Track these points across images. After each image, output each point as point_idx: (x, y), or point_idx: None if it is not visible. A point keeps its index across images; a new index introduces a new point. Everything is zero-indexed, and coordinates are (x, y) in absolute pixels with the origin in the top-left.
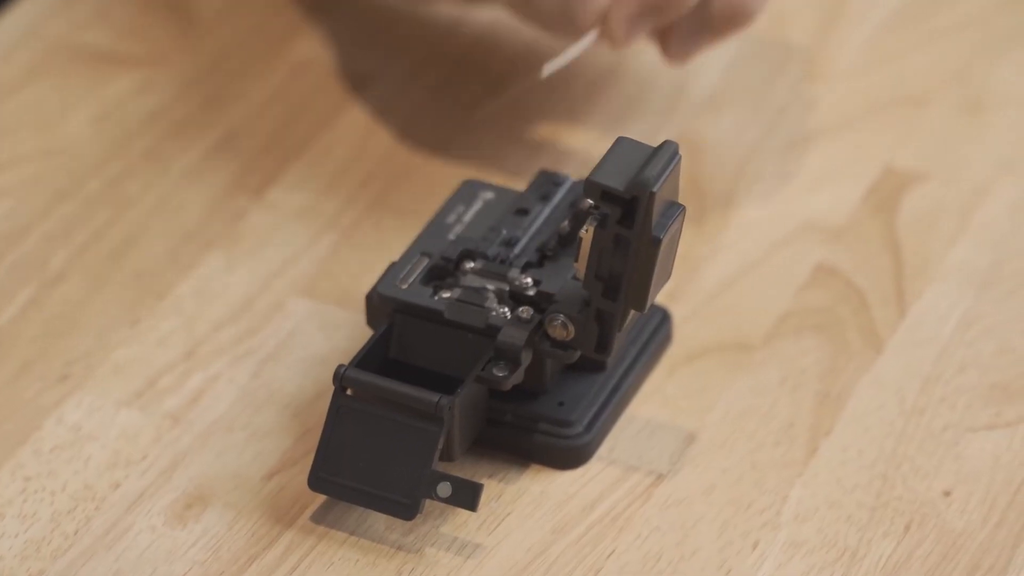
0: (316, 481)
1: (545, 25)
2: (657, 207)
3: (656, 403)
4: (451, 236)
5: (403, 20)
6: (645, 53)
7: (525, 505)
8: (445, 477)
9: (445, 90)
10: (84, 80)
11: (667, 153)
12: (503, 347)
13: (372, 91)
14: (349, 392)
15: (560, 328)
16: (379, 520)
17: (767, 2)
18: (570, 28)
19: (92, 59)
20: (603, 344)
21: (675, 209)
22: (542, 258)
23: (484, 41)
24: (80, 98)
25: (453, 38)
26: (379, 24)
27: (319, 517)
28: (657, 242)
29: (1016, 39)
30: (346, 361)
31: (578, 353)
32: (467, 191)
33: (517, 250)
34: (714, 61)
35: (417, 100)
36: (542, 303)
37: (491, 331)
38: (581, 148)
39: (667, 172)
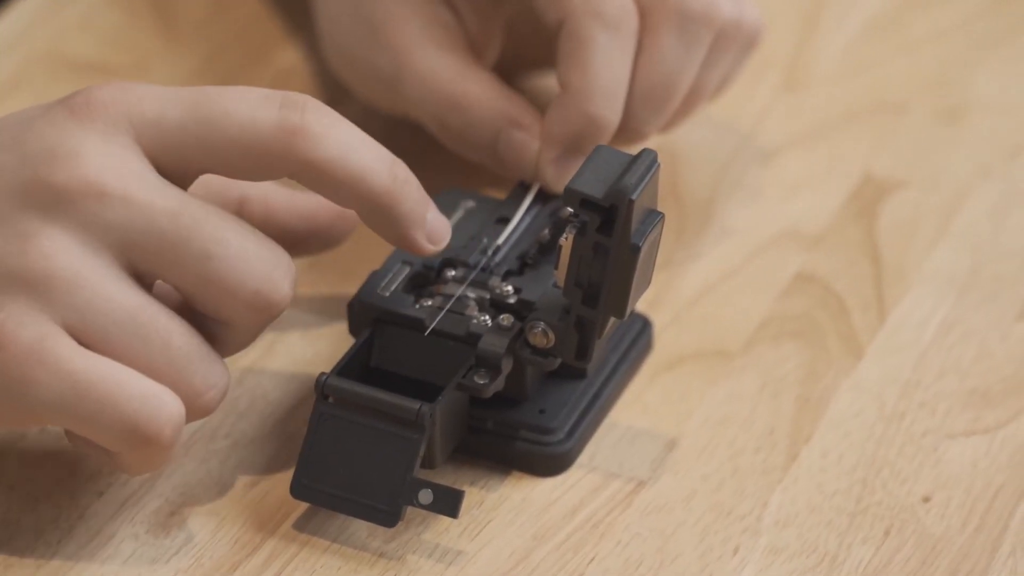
0: (298, 488)
1: (469, 152)
2: (636, 215)
3: (637, 410)
4: None
5: None
6: None
7: (506, 512)
8: (427, 484)
9: None
10: (69, 89)
11: (646, 161)
12: (484, 355)
13: (355, 100)
14: (331, 400)
15: (540, 335)
16: (361, 527)
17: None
18: (495, 163)
19: (77, 68)
20: (583, 351)
21: (654, 217)
22: (523, 266)
23: None
24: None
25: None
26: None
27: (301, 524)
28: (636, 250)
29: (992, 47)
30: (328, 369)
31: (558, 360)
32: (448, 200)
33: (498, 258)
34: None
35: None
36: (523, 311)
37: (472, 339)
38: None
39: (646, 180)
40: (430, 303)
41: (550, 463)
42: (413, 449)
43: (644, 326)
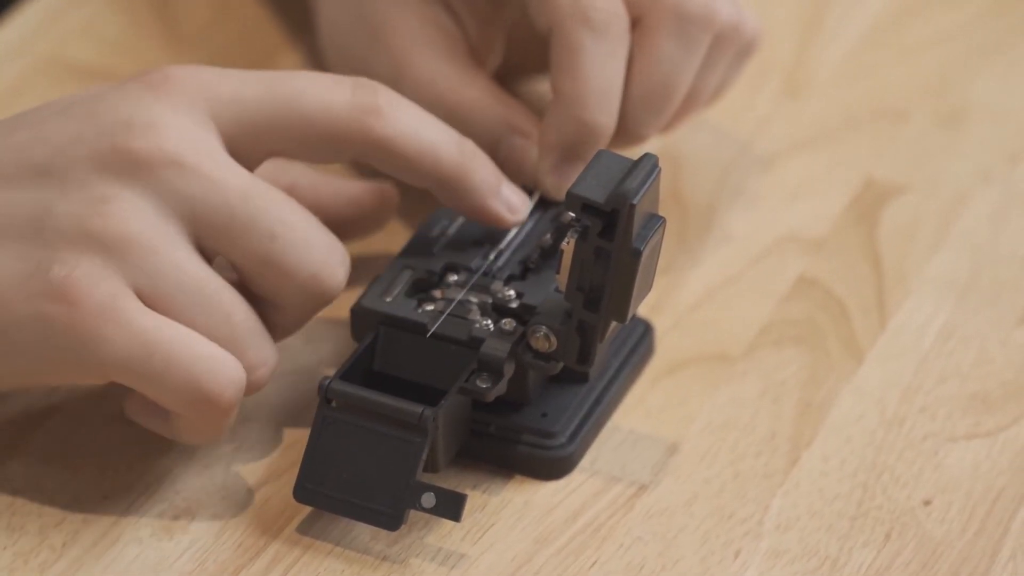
0: (302, 492)
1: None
2: (637, 219)
3: (638, 414)
4: (435, 249)
5: None
6: None
7: (509, 515)
8: (429, 488)
9: None
10: None
11: (647, 166)
12: (486, 359)
13: None
14: (334, 404)
15: (542, 340)
16: (364, 531)
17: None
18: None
19: (80, 74)
20: (585, 355)
21: (655, 221)
22: (525, 271)
23: None
24: None
25: None
26: None
27: (305, 528)
28: (637, 254)
29: (991, 53)
30: (331, 373)
31: (560, 364)
32: None
33: (500, 263)
34: None
35: None
36: (525, 315)
37: (474, 343)
38: None
39: (647, 185)
40: (432, 308)
41: (552, 467)
42: (416, 453)
43: (646, 330)
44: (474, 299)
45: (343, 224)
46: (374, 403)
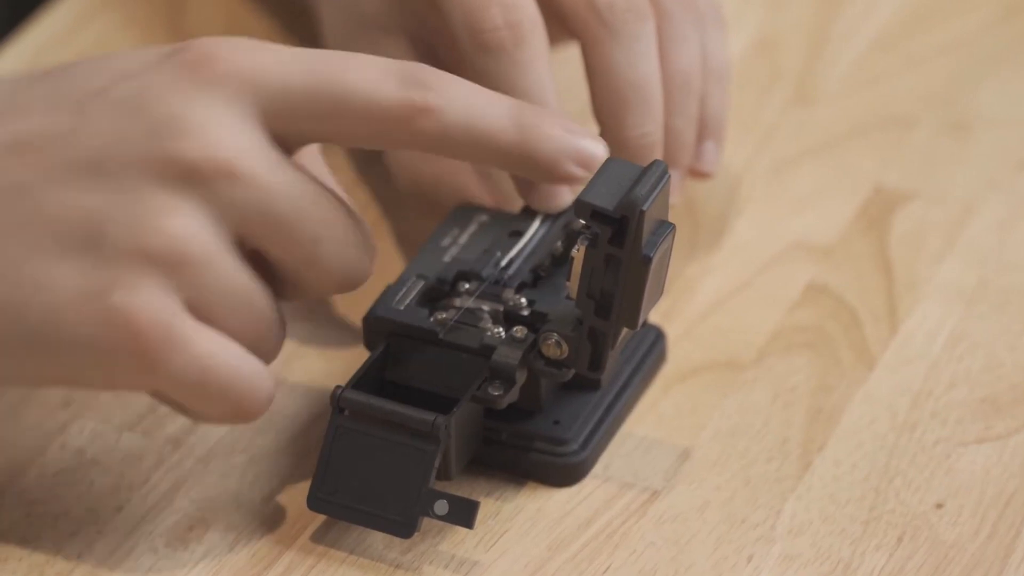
0: (315, 501)
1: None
2: (647, 226)
3: (651, 421)
4: (446, 258)
5: None
6: None
7: (522, 522)
8: (442, 495)
9: None
10: None
11: (656, 172)
12: (498, 367)
13: None
14: (347, 413)
15: (554, 347)
16: (378, 539)
17: None
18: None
19: None
20: (596, 362)
21: (665, 228)
22: (536, 278)
23: None
24: None
25: None
26: None
27: (319, 537)
28: (647, 260)
29: (998, 62)
30: (344, 383)
31: (572, 371)
32: (462, 214)
33: (511, 271)
34: None
35: None
36: (536, 323)
37: (486, 351)
38: None
39: (656, 191)
40: (444, 316)
41: (565, 474)
42: (429, 461)
43: (657, 337)
44: (486, 307)
45: None
46: (386, 412)
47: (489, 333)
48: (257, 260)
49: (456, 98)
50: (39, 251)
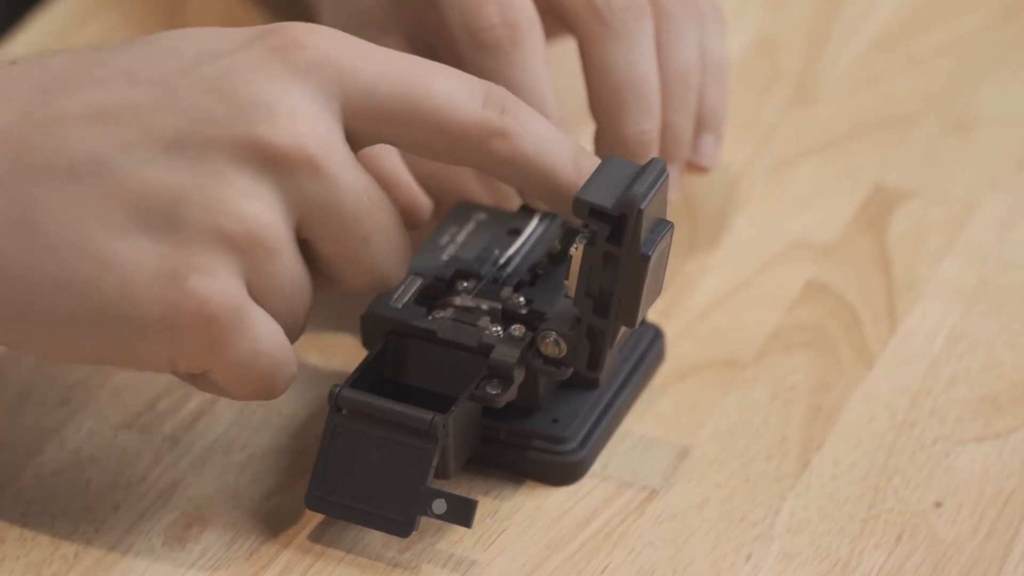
0: (313, 500)
1: None
2: (645, 224)
3: (649, 420)
4: (444, 257)
5: None
6: None
7: (520, 521)
8: (440, 494)
9: None
10: None
11: (654, 171)
12: (496, 365)
13: None
14: (344, 412)
15: (552, 345)
16: (376, 538)
17: None
18: None
19: None
20: (594, 360)
21: (664, 226)
22: (534, 277)
23: None
24: None
25: None
26: None
27: (316, 536)
28: (646, 259)
29: (998, 61)
30: (341, 381)
31: (570, 370)
32: (460, 213)
33: (509, 269)
34: None
35: None
36: (534, 321)
37: (484, 350)
38: None
39: (655, 190)
40: (442, 314)
41: (563, 472)
42: (427, 459)
43: (656, 336)
44: (484, 305)
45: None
46: (384, 410)
47: (487, 332)
48: (304, 249)
49: (532, 128)
50: (113, 226)
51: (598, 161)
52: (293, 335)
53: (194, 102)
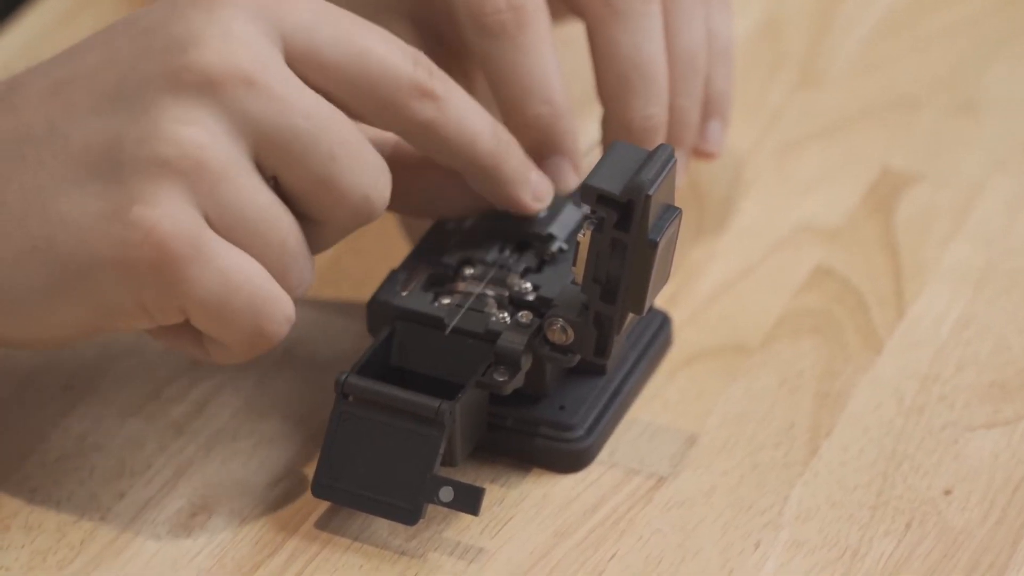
0: (319, 488)
1: None
2: (653, 210)
3: (657, 406)
4: (451, 243)
5: None
6: None
7: (527, 509)
8: (447, 482)
9: None
10: None
11: (662, 156)
12: (503, 352)
13: None
14: (351, 399)
15: (559, 332)
16: (382, 525)
17: None
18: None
19: None
20: (602, 347)
21: (672, 212)
22: (541, 263)
23: None
24: None
25: None
26: None
27: (323, 523)
28: (654, 245)
29: (1005, 42)
30: (348, 368)
31: (578, 357)
32: None
33: (516, 256)
34: None
35: None
36: (541, 308)
37: (491, 336)
38: None
39: (662, 175)
40: (449, 301)
41: (570, 459)
42: (433, 447)
43: (663, 322)
44: (491, 292)
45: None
46: (391, 397)
47: (494, 318)
48: (280, 192)
49: (456, 96)
50: (65, 183)
51: (512, 139)
52: (289, 286)
53: (132, 50)
